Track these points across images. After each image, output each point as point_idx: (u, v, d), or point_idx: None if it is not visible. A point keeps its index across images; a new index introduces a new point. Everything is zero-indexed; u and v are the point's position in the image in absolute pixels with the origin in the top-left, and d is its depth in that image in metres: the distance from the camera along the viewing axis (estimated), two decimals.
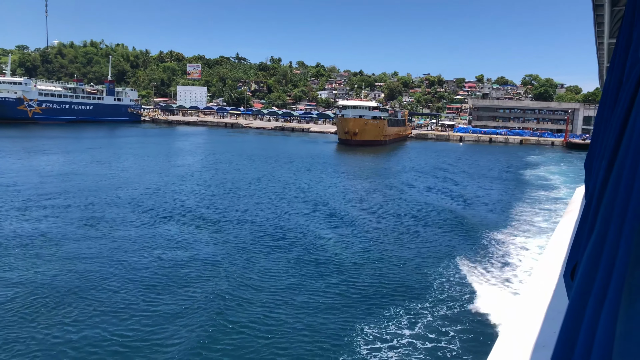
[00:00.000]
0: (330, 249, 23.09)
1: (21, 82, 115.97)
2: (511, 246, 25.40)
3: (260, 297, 17.06)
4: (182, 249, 21.74)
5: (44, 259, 19.48)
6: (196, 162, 56.64)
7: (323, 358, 13.47)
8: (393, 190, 41.64)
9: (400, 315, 16.23)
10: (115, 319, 14.68)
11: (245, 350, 13.56)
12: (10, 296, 15.84)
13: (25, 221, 25.11)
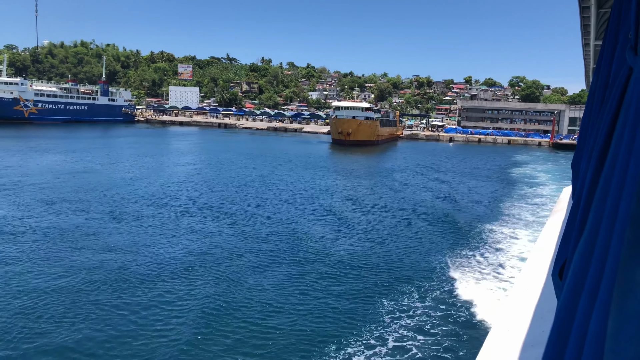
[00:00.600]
0: (327, 246, 23.89)
1: (17, 83, 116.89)
2: (499, 244, 25.79)
3: (255, 294, 17.32)
4: (189, 243, 23.82)
5: (80, 250, 21.53)
6: (199, 161, 58.66)
7: (314, 355, 13.55)
8: (387, 188, 44.01)
9: (388, 314, 16.17)
10: (129, 307, 16.81)
11: (243, 348, 13.73)
12: (56, 283, 17.92)
13: (55, 215, 27.11)
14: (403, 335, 14.78)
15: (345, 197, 37.87)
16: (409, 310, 16.62)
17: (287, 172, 50.80)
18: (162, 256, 20.65)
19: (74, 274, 18.03)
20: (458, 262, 22.18)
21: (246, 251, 22.17)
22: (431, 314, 16.34)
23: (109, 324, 14.44)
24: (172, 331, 14.45)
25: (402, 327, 15.34)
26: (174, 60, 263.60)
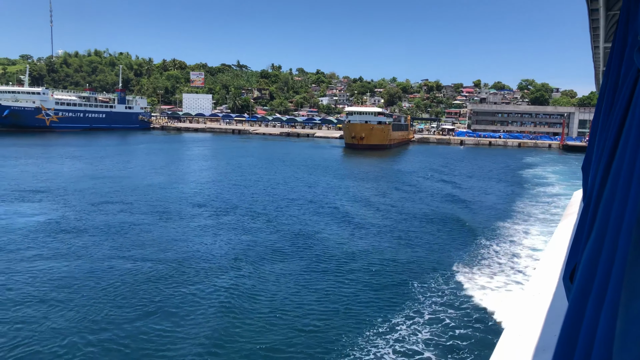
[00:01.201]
0: (348, 245, 24.70)
1: (39, 92, 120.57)
2: (510, 245, 25.95)
3: (271, 294, 17.91)
4: (231, 239, 26.24)
5: (137, 246, 24.01)
6: (223, 165, 61.23)
7: (323, 352, 13.87)
8: (402, 190, 46.19)
9: (400, 317, 16.27)
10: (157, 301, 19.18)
11: (258, 346, 14.07)
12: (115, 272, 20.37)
13: (105, 215, 29.68)
14: (413, 337, 14.76)
15: (363, 198, 40.12)
16: (420, 311, 16.71)
17: (307, 175, 53.16)
18: (207, 251, 22.97)
19: (134, 265, 20.41)
20: (469, 264, 22.30)
21: (283, 248, 24.38)
22: (442, 317, 16.28)
23: (159, 311, 16.81)
24: (210, 319, 15.38)
25: (412, 328, 15.36)
26: (186, 67, 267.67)
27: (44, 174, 46.05)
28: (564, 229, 17.55)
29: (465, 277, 20.41)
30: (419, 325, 15.69)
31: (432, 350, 14.08)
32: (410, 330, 15.32)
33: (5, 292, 16.81)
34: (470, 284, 19.63)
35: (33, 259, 20.34)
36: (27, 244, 22.48)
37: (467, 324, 15.82)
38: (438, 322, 15.88)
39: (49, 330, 14.14)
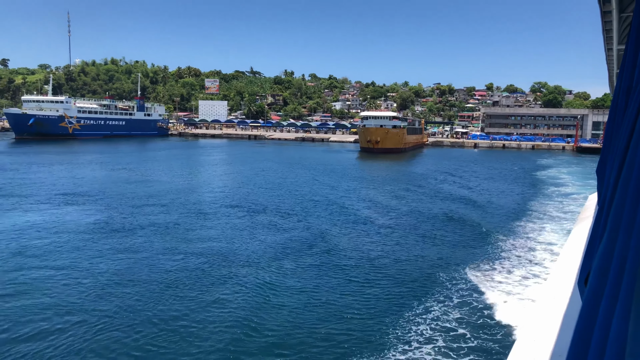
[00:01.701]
0: (366, 248, 25.01)
1: (62, 101, 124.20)
2: (525, 247, 25.88)
3: (288, 293, 18.44)
4: (265, 237, 28.30)
5: (181, 242, 26.13)
6: (246, 169, 63.43)
7: (336, 356, 14.06)
8: (419, 193, 47.83)
9: (414, 319, 16.29)
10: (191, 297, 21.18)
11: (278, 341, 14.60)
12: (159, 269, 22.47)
13: (147, 216, 31.90)
14: (426, 341, 14.77)
15: (382, 201, 41.88)
16: (434, 315, 16.71)
17: (327, 178, 55.07)
18: (247, 248, 24.96)
19: (183, 258, 22.44)
20: (485, 266, 22.28)
21: (311, 246, 26.36)
22: (456, 321, 16.24)
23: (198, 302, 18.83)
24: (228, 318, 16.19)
25: (426, 331, 15.36)
26: (200, 75, 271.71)
27: (80, 179, 48.54)
28: (579, 233, 17.32)
29: (480, 279, 20.34)
30: (433, 327, 15.64)
31: (446, 354, 14.07)
32: (424, 332, 15.26)
33: (76, 284, 18.96)
34: (486, 286, 19.46)
35: (93, 255, 22.53)
36: (84, 242, 24.70)
37: (481, 329, 15.64)
38: (452, 326, 15.79)
39: (118, 314, 16.24)
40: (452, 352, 14.25)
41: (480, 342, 14.83)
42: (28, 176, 49.31)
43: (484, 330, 15.56)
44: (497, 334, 15.32)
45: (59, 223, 28.44)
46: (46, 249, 23.06)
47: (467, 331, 15.48)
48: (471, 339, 15.03)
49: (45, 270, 20.02)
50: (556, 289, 10.70)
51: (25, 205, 33.57)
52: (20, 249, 22.82)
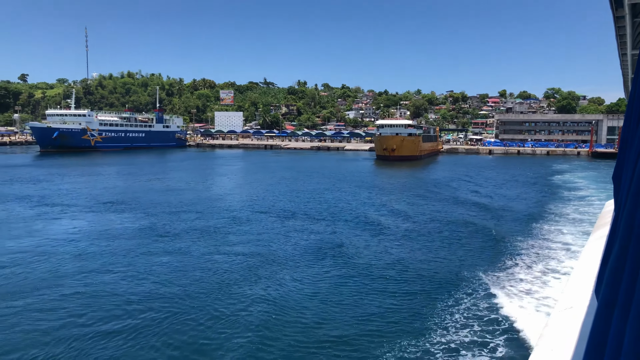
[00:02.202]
0: (387, 255, 25.48)
1: (85, 114, 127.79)
2: (541, 252, 25.75)
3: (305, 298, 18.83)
4: (299, 240, 30.09)
5: (216, 245, 28.03)
6: (268, 177, 65.40)
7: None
8: (437, 200, 49.39)
9: (429, 325, 16.30)
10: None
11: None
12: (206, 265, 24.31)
13: (185, 222, 33.89)
14: (441, 349, 14.67)
15: (401, 208, 43.37)
16: (449, 321, 16.66)
17: (346, 185, 56.74)
18: (282, 251, 26.74)
19: (226, 259, 24.25)
20: (500, 273, 22.23)
21: (341, 250, 28.17)
22: (471, 329, 16.06)
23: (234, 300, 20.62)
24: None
25: (441, 338, 15.28)
26: (215, 86, 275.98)
27: (113, 188, 50.83)
28: (595, 241, 16.93)
29: (497, 286, 20.23)
30: (447, 334, 15.60)
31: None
32: (440, 339, 15.24)
33: (138, 281, 20.88)
34: (502, 293, 19.34)
35: (147, 257, 24.49)
36: (137, 245, 26.69)
37: (498, 337, 15.42)
38: (468, 333, 15.70)
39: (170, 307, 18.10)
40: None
41: (497, 351, 14.62)
42: (64, 187, 51.72)
43: (501, 339, 15.28)
44: (514, 343, 15.07)
45: (108, 229, 30.52)
46: (103, 252, 25.08)
47: (484, 339, 15.27)
48: (488, 347, 14.83)
49: (107, 272, 21.99)
50: (574, 297, 10.55)
51: (71, 214, 35.76)
52: (79, 252, 24.84)
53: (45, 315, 16.79)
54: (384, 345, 14.95)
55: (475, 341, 15.22)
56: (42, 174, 64.69)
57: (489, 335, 15.64)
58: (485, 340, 15.27)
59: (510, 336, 15.52)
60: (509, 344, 15.01)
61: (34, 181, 56.25)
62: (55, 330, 15.59)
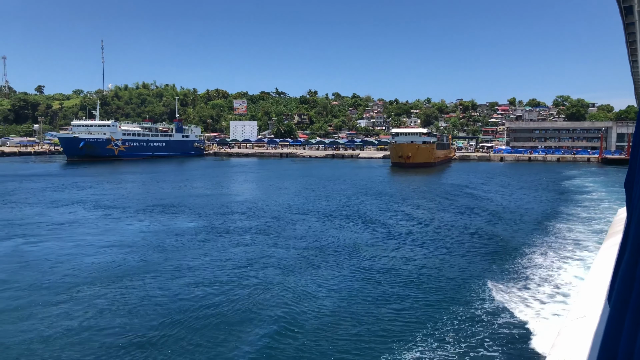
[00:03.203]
0: (408, 260, 26.67)
1: (109, 125, 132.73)
2: (554, 262, 25.53)
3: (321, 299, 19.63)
4: (330, 238, 33.82)
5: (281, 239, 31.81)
6: (294, 184, 69.20)
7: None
8: (455, 204, 52.89)
9: (440, 333, 16.33)
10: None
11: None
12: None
13: (236, 221, 37.76)
14: (450, 356, 14.74)
15: (421, 214, 46.98)
16: (462, 328, 16.69)
17: (369, 191, 60.41)
18: (330, 244, 30.46)
19: (284, 249, 27.99)
20: (512, 279, 22.37)
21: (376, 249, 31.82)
22: (482, 336, 16.01)
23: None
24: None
25: (453, 346, 15.29)
26: (228, 96, 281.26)
27: (154, 193, 54.93)
28: (608, 248, 16.87)
29: (509, 293, 20.23)
30: (460, 341, 15.62)
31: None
32: (449, 347, 15.20)
33: (218, 269, 24.69)
34: (514, 301, 19.27)
35: (215, 250, 28.33)
36: (203, 241, 30.57)
37: (511, 345, 15.37)
38: (478, 341, 15.65)
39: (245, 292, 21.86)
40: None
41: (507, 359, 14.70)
42: (109, 192, 55.90)
43: (513, 348, 15.23)
44: (526, 352, 14.98)
45: (172, 227, 34.50)
46: (179, 245, 29.01)
47: (496, 348, 15.22)
48: (499, 357, 14.76)
49: (185, 261, 25.85)
50: (586, 306, 10.51)
51: (132, 215, 39.77)
52: (156, 247, 28.76)
53: (159, 291, 20.62)
54: (394, 348, 15.22)
55: (486, 349, 15.08)
56: (82, 181, 68.89)
57: (500, 344, 15.46)
58: (497, 349, 15.10)
59: (522, 345, 15.35)
60: (521, 353, 14.89)
61: (78, 187, 60.45)
62: (174, 302, 19.41)
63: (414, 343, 15.63)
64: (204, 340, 15.79)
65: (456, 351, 15.03)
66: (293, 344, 15.80)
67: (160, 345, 15.35)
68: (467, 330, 16.60)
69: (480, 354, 14.90)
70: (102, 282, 21.55)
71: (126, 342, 15.50)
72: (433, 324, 17.26)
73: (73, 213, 40.54)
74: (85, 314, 17.87)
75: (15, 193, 53.87)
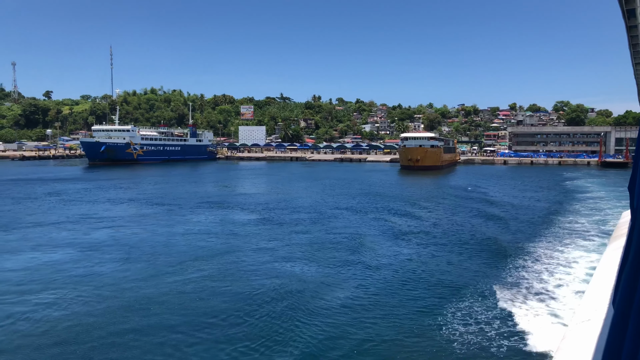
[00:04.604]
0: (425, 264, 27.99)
1: (129, 129, 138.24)
2: (556, 264, 25.36)
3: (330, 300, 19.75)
4: (374, 229, 39.16)
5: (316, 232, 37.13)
6: (316, 185, 74.28)
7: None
8: (463, 206, 58.14)
9: (440, 339, 16.16)
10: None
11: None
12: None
13: (285, 215, 43.08)
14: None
15: (434, 215, 52.47)
16: (462, 333, 16.56)
17: (386, 190, 65.66)
18: (374, 234, 35.77)
19: (335, 237, 33.27)
20: (515, 282, 22.32)
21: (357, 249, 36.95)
22: (486, 341, 15.95)
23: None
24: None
25: (453, 350, 15.24)
26: (234, 102, 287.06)
27: (196, 192, 60.22)
28: (613, 252, 16.76)
29: (513, 297, 20.06)
30: (461, 347, 15.45)
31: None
32: (451, 352, 15.14)
33: (290, 250, 29.99)
34: (516, 305, 19.12)
35: (282, 234, 33.64)
36: (267, 229, 35.89)
37: (513, 352, 15.17)
38: (482, 346, 15.53)
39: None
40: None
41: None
42: (152, 191, 61.21)
43: (517, 353, 15.09)
44: (532, 356, 14.89)
45: (231, 219, 39.81)
46: (245, 233, 34.30)
47: (500, 352, 15.11)
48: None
49: (261, 243, 31.18)
50: (591, 309, 10.47)
51: (188, 210, 45.04)
52: (230, 234, 34.06)
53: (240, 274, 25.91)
54: (393, 352, 15.41)
55: (490, 354, 15.01)
56: (119, 183, 74.13)
57: (505, 347, 15.37)
58: (502, 353, 15.05)
59: (527, 349, 15.22)
60: (526, 358, 14.79)
61: (119, 187, 65.73)
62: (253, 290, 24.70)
63: (414, 345, 15.72)
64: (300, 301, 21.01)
65: (460, 354, 15.00)
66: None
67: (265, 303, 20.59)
68: (470, 333, 16.50)
69: (484, 357, 14.87)
70: (208, 259, 26.82)
71: (237, 302, 20.75)
72: (433, 326, 17.20)
73: (136, 209, 45.83)
74: (209, 277, 23.10)
75: (66, 192, 59.11)
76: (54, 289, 21.05)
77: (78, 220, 39.09)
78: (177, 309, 18.81)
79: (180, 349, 15.39)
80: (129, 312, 18.44)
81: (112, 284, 21.78)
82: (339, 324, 17.52)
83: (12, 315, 18.06)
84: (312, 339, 16.22)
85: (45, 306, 19.02)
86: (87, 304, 19.39)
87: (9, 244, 29.84)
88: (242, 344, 15.79)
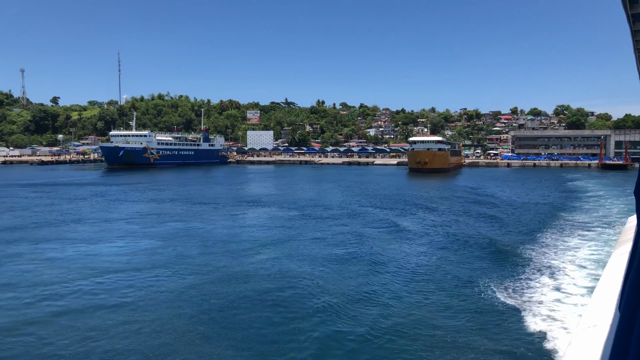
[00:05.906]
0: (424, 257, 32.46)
1: (146, 135, 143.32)
2: (562, 270, 25.05)
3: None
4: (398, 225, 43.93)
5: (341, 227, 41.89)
6: (334, 187, 78.70)
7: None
8: (471, 204, 62.51)
9: (444, 344, 16.12)
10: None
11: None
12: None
13: (311, 210, 47.84)
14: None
15: (446, 216, 56.85)
16: (467, 337, 16.62)
17: (401, 192, 70.45)
18: (402, 230, 40.52)
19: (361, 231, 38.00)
20: (519, 285, 22.36)
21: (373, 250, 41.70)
22: (491, 346, 15.93)
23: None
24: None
25: (458, 356, 15.21)
26: (240, 107, 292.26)
27: (228, 192, 65.02)
28: (619, 256, 16.70)
29: (519, 302, 19.96)
30: (466, 352, 15.43)
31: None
32: (458, 356, 15.13)
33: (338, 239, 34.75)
34: (524, 311, 18.96)
35: (324, 227, 38.38)
36: (310, 223, 40.66)
37: (520, 357, 15.14)
38: (487, 351, 15.49)
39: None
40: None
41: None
42: (185, 193, 65.97)
43: (525, 358, 15.07)
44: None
45: (276, 215, 44.58)
46: (297, 226, 39.04)
47: (507, 357, 15.10)
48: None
49: (316, 234, 35.92)
50: (597, 315, 10.40)
51: (233, 209, 49.81)
52: (278, 226, 38.82)
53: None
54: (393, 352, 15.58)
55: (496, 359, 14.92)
56: (149, 186, 78.85)
57: (511, 354, 15.30)
58: (507, 359, 14.97)
59: (534, 355, 15.18)
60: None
61: (151, 190, 70.42)
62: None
63: (415, 347, 15.90)
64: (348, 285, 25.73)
65: (464, 359, 14.97)
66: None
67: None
68: (476, 338, 16.49)
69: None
70: (273, 245, 31.58)
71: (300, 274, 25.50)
72: (436, 331, 17.21)
73: (184, 206, 50.65)
74: (277, 259, 27.85)
75: (108, 193, 63.97)
76: (157, 267, 25.80)
77: (136, 216, 43.86)
78: (264, 282, 23.61)
79: (273, 308, 20.15)
80: (226, 284, 23.17)
81: (203, 264, 26.59)
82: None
83: (139, 284, 22.82)
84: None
85: (157, 280, 23.77)
86: (199, 275, 24.15)
87: (96, 235, 34.68)
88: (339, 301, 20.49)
